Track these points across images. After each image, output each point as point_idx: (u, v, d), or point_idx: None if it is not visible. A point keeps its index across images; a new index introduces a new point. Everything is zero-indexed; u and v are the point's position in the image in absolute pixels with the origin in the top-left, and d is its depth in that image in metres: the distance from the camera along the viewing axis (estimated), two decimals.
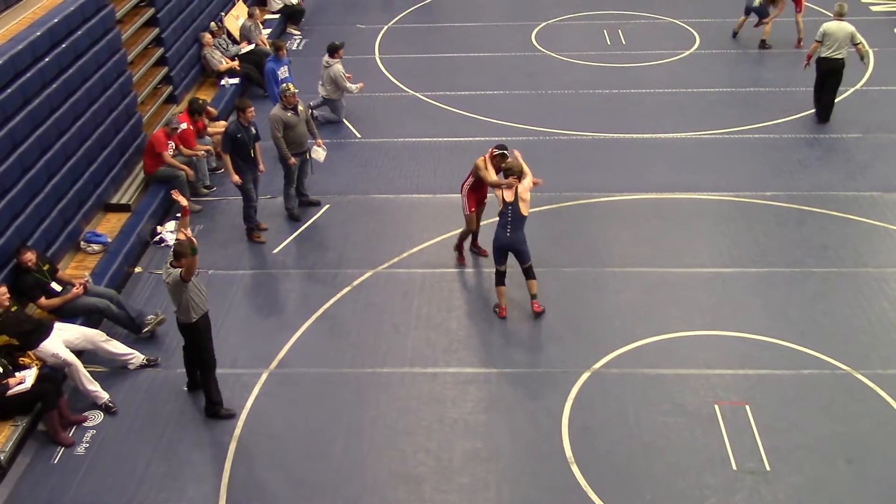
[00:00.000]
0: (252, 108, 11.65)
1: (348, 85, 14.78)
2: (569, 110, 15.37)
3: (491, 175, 10.62)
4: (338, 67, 14.68)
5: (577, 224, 12.09)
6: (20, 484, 8.42)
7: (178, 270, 8.59)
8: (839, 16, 14.21)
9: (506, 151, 10.67)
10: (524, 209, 10.13)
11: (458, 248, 11.49)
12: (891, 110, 14.91)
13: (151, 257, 11.75)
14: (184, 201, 9.49)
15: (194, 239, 8.73)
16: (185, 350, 9.31)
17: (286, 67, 14.65)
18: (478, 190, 11.01)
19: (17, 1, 11.68)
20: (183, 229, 9.17)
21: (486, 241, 11.26)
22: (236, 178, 11.63)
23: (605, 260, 11.35)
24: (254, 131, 11.71)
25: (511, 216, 10.15)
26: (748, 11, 17.72)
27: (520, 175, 10.19)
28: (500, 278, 10.45)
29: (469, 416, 9.07)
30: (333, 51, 14.73)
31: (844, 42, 14.04)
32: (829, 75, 14.26)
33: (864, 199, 12.44)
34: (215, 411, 9.18)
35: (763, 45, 17.38)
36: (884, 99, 15.31)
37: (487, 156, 10.77)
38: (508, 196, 10.13)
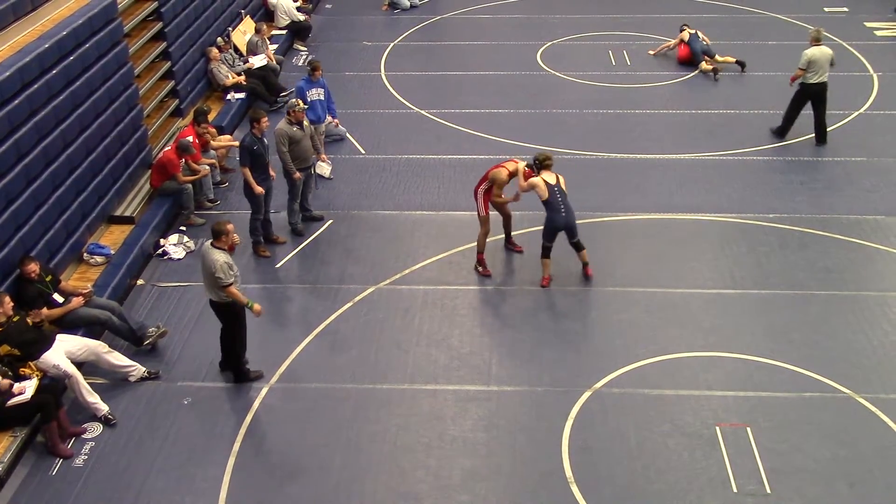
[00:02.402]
0: (266, 119, 11.70)
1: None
2: (573, 130, 15.41)
3: (520, 181, 11.07)
4: None
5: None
6: (18, 495, 8.40)
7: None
8: (817, 41, 14.36)
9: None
10: (565, 186, 10.94)
11: (480, 260, 11.50)
12: (895, 135, 14.93)
13: (154, 270, 11.77)
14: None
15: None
16: (224, 335, 9.70)
17: (321, 90, 13.73)
18: (492, 192, 11.40)
19: (25, 13, 11.74)
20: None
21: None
22: (259, 189, 11.67)
23: (608, 280, 11.34)
24: (266, 142, 11.77)
25: (561, 196, 10.85)
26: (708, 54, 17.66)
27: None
28: (548, 252, 11.10)
29: (469, 433, 9.04)
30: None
31: (827, 66, 14.27)
32: (817, 98, 14.41)
33: (868, 222, 12.44)
34: (245, 375, 9.74)
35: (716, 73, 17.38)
36: (888, 123, 15.34)
37: (517, 170, 11.15)
38: (552, 179, 10.83)
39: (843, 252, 11.82)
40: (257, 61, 16.78)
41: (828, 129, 14.60)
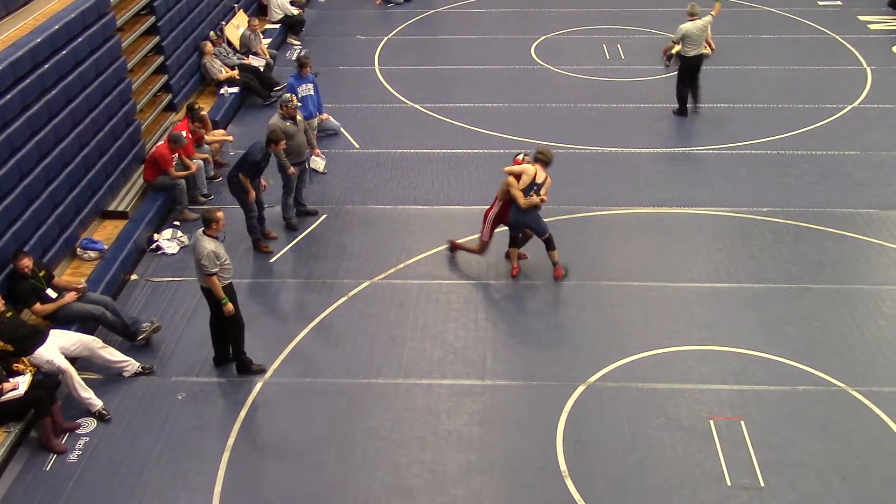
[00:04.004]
0: (284, 143, 11.62)
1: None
2: (567, 124, 15.40)
3: (520, 182, 10.84)
4: None
5: (574, 237, 12.10)
6: (12, 491, 8.38)
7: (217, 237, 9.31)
8: (692, 15, 15.03)
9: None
10: (545, 193, 10.96)
11: (456, 247, 11.67)
12: (888, 128, 14.97)
13: (147, 265, 11.74)
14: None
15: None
16: (213, 323, 9.67)
17: (311, 85, 13.85)
18: (502, 217, 11.13)
19: (17, 7, 11.69)
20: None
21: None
22: (254, 193, 11.71)
23: (602, 273, 11.34)
24: (270, 158, 11.76)
25: (536, 193, 10.80)
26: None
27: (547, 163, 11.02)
28: (515, 241, 11.20)
29: (464, 428, 9.05)
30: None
31: (703, 39, 15.01)
32: (695, 71, 15.24)
33: (861, 216, 12.47)
34: (246, 367, 9.74)
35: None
36: (881, 117, 15.37)
37: (516, 168, 10.93)
38: (540, 176, 10.83)
39: (836, 245, 11.84)
40: (255, 61, 16.81)
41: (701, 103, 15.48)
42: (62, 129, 11.28)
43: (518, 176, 10.82)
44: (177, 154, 12.67)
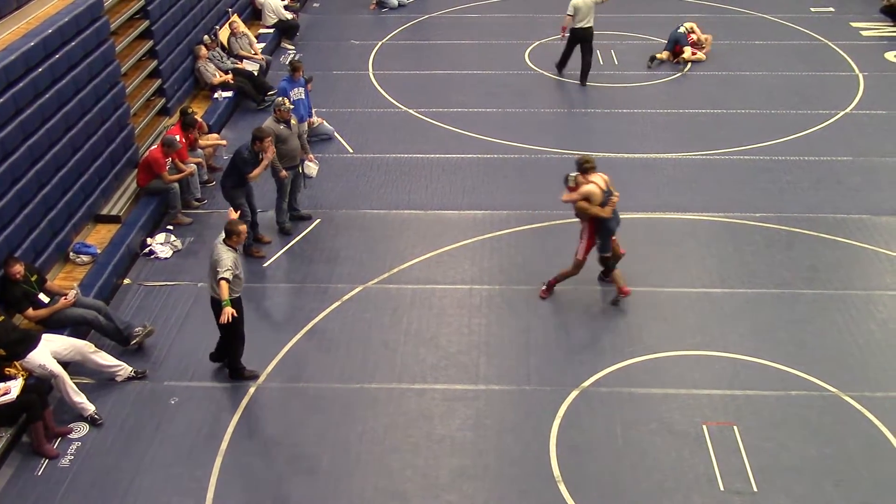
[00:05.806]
0: (269, 140, 11.49)
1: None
2: (560, 129, 15.43)
3: (591, 202, 10.40)
4: None
5: (568, 242, 12.05)
6: (3, 495, 8.36)
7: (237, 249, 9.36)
8: None
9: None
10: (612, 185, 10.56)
11: (551, 285, 10.99)
12: (880, 134, 15.03)
13: (140, 269, 11.72)
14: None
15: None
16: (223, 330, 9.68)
17: (302, 89, 13.89)
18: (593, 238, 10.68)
19: (10, 11, 11.68)
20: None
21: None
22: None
23: (595, 279, 11.35)
24: (261, 156, 11.64)
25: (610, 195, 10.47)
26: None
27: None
28: (607, 264, 10.90)
29: (457, 433, 9.04)
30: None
31: (591, 11, 16.35)
32: (583, 42, 16.61)
33: (853, 221, 12.50)
34: (239, 373, 9.77)
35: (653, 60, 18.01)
36: (874, 123, 15.42)
37: (583, 192, 10.40)
38: (601, 181, 10.53)
39: (829, 251, 11.87)
40: (248, 65, 16.84)
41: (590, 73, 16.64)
42: (55, 133, 11.25)
43: (588, 198, 10.37)
44: (170, 158, 12.65)
